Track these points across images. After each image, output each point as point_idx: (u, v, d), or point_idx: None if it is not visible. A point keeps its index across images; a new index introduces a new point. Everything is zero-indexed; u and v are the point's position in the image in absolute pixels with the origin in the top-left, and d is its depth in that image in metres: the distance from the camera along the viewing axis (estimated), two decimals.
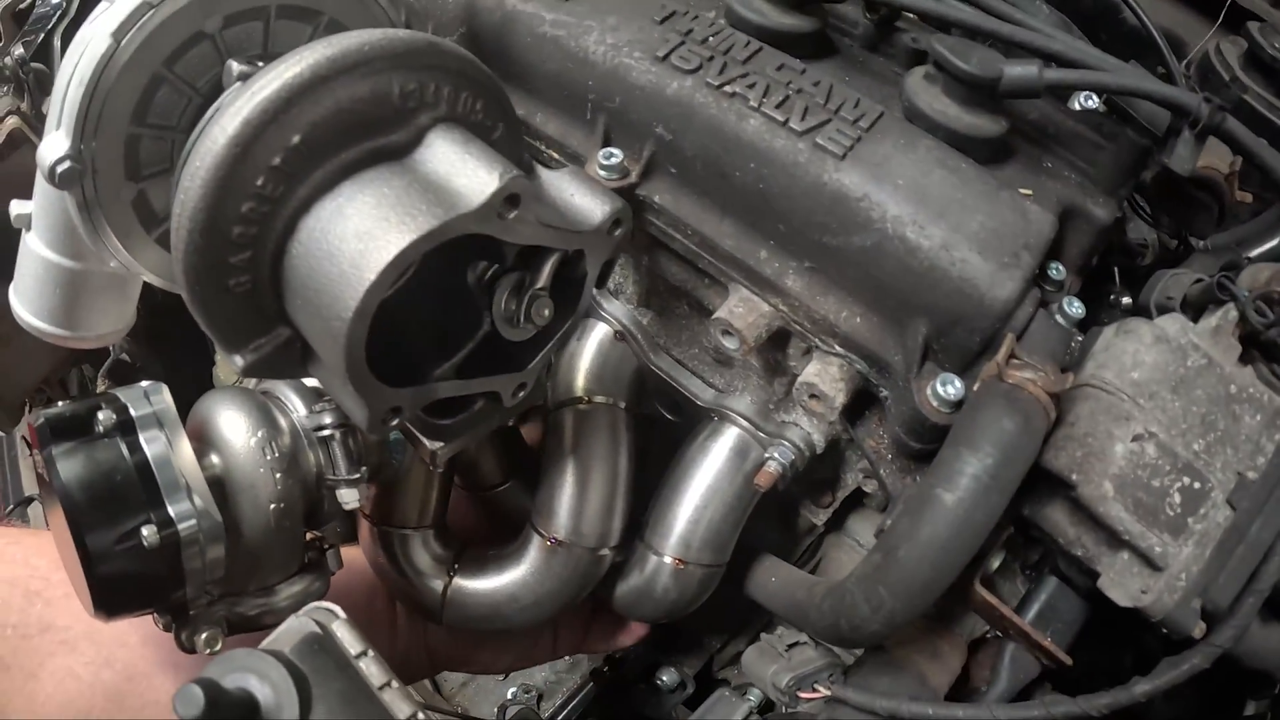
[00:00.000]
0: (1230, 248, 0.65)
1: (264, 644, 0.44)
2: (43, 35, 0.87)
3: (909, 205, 0.50)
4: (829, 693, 0.57)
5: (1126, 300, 0.63)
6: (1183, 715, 0.63)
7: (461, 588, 0.66)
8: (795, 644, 0.64)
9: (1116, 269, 0.68)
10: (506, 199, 0.45)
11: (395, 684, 0.45)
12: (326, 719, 0.40)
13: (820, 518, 0.70)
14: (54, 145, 0.52)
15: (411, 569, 0.66)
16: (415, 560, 0.66)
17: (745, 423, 0.64)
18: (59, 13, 0.89)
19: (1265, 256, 0.67)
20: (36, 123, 0.82)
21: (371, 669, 0.45)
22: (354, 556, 0.66)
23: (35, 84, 0.83)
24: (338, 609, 0.49)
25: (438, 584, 0.66)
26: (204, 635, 0.52)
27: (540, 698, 0.97)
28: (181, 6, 0.52)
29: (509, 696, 0.96)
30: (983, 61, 0.53)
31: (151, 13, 0.51)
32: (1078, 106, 0.66)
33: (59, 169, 0.52)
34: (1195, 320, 0.54)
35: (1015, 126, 0.58)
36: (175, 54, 0.53)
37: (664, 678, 0.82)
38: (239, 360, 0.48)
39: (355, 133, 0.44)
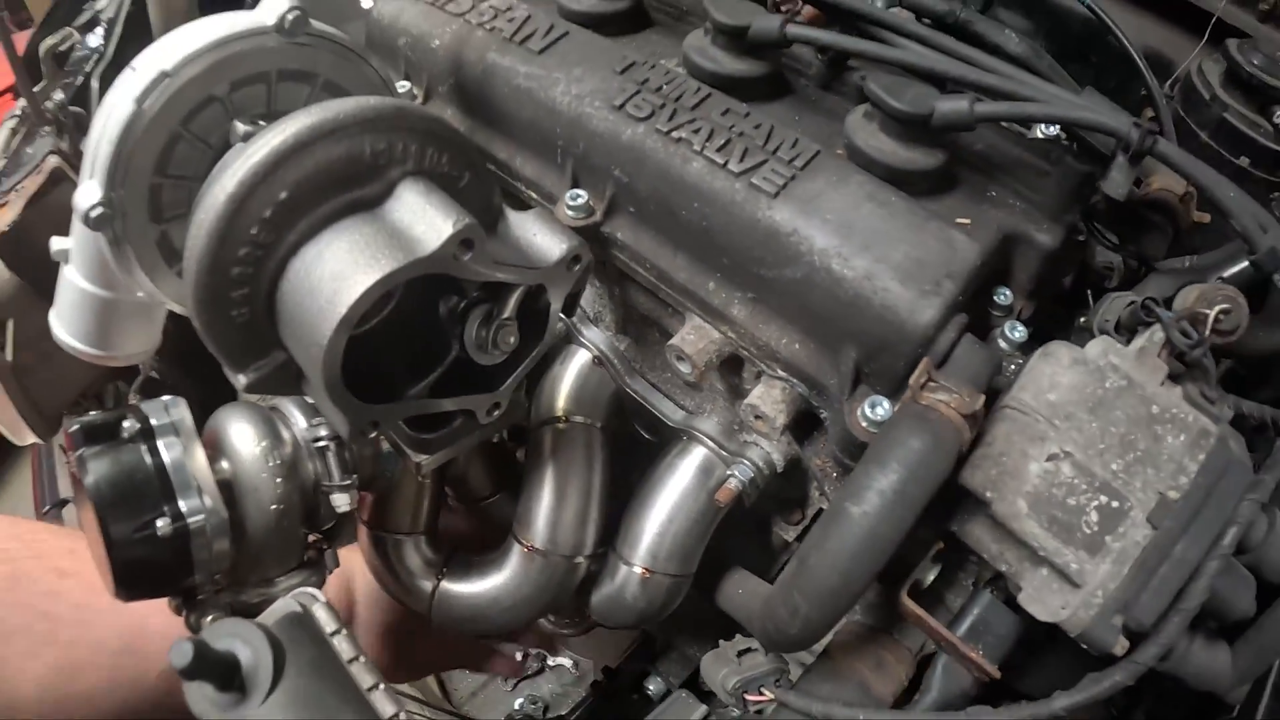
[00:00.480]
0: (1193, 270, 0.67)
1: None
2: (82, 78, 1.01)
3: (835, 238, 0.56)
4: (772, 696, 0.62)
5: (1082, 321, 0.67)
6: None
7: (448, 590, 0.74)
8: (746, 650, 0.69)
9: (1090, 292, 0.71)
10: (461, 243, 0.53)
11: (363, 659, 0.53)
12: (296, 680, 0.48)
13: (791, 534, 0.75)
14: (88, 193, 0.62)
15: (404, 570, 0.74)
16: (407, 563, 0.74)
17: (710, 442, 0.70)
18: (97, 56, 1.04)
19: (1235, 279, 0.69)
20: (76, 161, 0.95)
21: (342, 645, 0.53)
22: (344, 557, 0.74)
23: (74, 126, 0.96)
24: (319, 593, 0.57)
25: (427, 585, 0.74)
26: (209, 618, 0.61)
27: (547, 709, 1.03)
28: (194, 76, 0.61)
29: (516, 707, 1.03)
30: (915, 98, 0.58)
31: (168, 81, 0.61)
32: (1040, 134, 0.71)
33: (92, 214, 0.61)
34: (1128, 342, 0.57)
35: (959, 157, 0.63)
36: (190, 115, 0.62)
37: (651, 687, 0.87)
38: (241, 379, 0.57)
39: (333, 187, 0.53)
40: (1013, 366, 0.59)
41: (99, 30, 1.02)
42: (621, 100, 0.63)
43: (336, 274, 0.51)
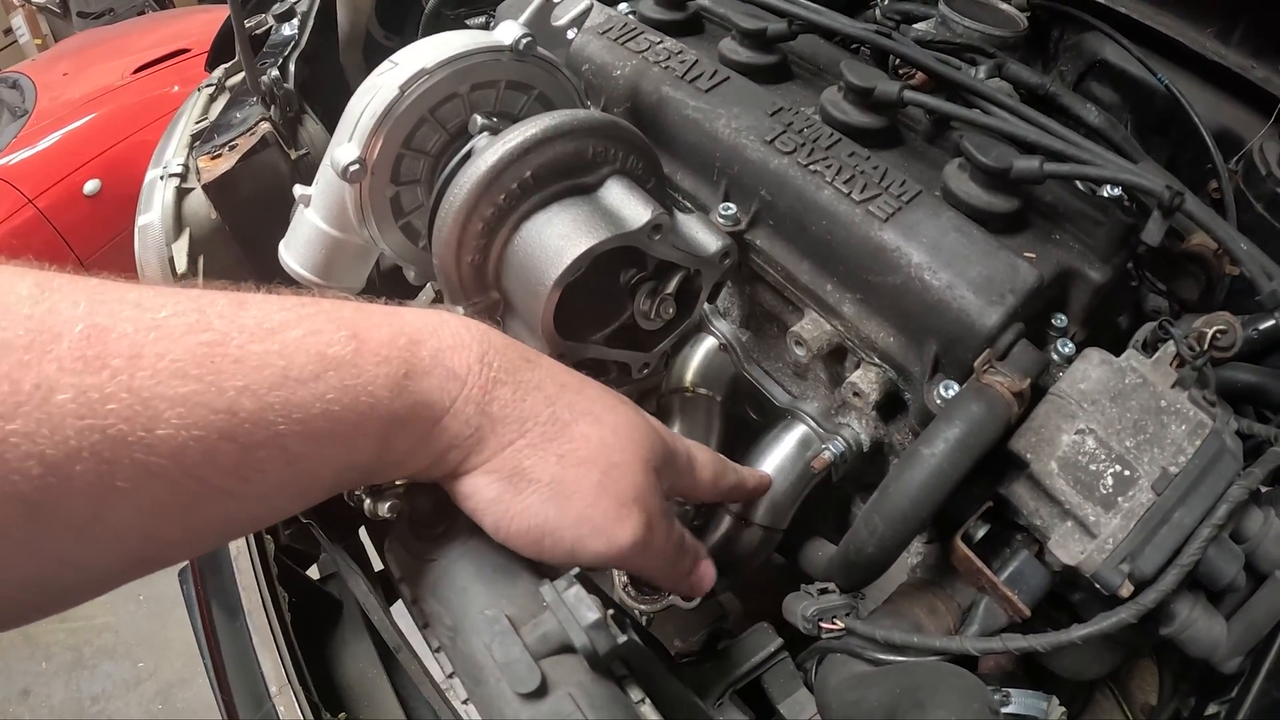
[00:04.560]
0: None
1: None
2: (282, 59, 1.42)
3: (927, 256, 0.91)
4: (843, 625, 0.95)
5: None
6: None
7: None
8: (824, 590, 1.01)
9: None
10: (654, 226, 0.90)
11: None
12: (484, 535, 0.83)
13: None
14: (347, 152, 0.97)
15: None
16: None
17: (811, 421, 1.05)
18: (292, 43, 1.46)
19: None
20: (282, 129, 1.34)
21: None
22: None
23: (284, 100, 1.37)
24: None
25: None
26: (386, 505, 0.79)
27: None
28: (445, 76, 0.99)
29: None
30: (998, 156, 0.94)
31: (427, 77, 0.99)
32: (1106, 193, 1.06)
33: (350, 168, 0.98)
34: (1150, 355, 0.91)
35: (1033, 206, 0.99)
36: (437, 105, 1.00)
37: None
38: (459, 310, 0.94)
39: (563, 173, 0.90)
40: (1060, 374, 0.94)
41: (294, 21, 1.45)
42: (771, 137, 1.01)
43: (563, 235, 0.88)
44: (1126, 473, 0.84)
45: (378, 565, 1.43)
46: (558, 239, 0.88)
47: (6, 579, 0.50)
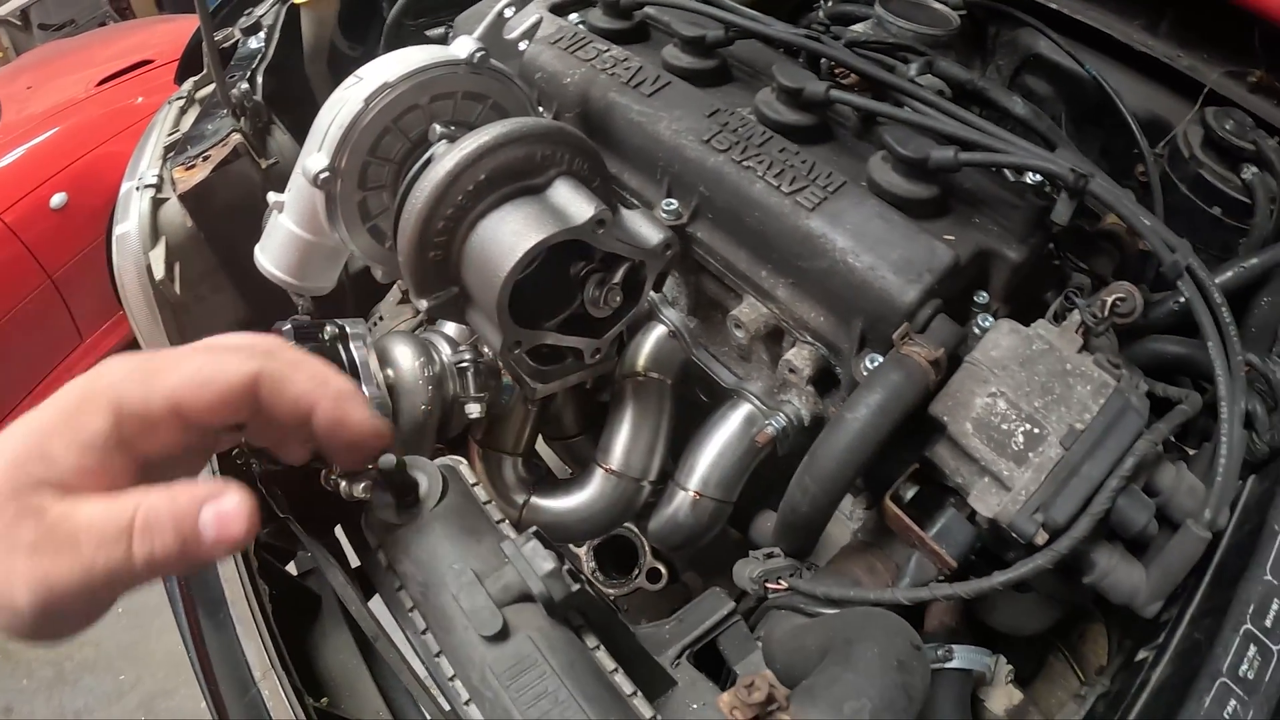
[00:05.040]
0: None
1: None
2: (250, 72, 1.52)
3: (852, 241, 1.02)
4: (787, 585, 1.05)
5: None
6: None
7: (536, 504, 1.19)
8: (770, 554, 1.12)
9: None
10: (598, 221, 1.00)
11: (494, 504, 0.98)
12: (451, 504, 0.92)
13: None
14: (317, 161, 1.08)
15: (501, 484, 1.19)
16: (505, 478, 1.19)
17: (755, 400, 1.16)
18: (259, 56, 1.56)
19: None
20: (252, 141, 1.44)
21: (479, 491, 0.98)
22: None
23: (254, 112, 1.47)
24: (461, 459, 1.02)
25: (520, 499, 1.19)
26: (360, 486, 0.90)
27: None
28: (407, 89, 1.10)
29: None
30: (916, 147, 1.04)
31: (389, 90, 1.09)
32: (1028, 180, 1.17)
33: (321, 175, 1.08)
34: (1060, 323, 1.02)
35: (954, 192, 1.10)
36: (399, 115, 1.10)
37: None
38: (423, 304, 1.04)
39: (514, 176, 1.01)
40: (970, 341, 1.04)
41: (260, 34, 1.56)
42: (709, 136, 1.11)
43: (515, 231, 0.98)
44: (1036, 430, 0.95)
45: (355, 563, 1.52)
46: (510, 235, 0.98)
47: None
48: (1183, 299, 1.16)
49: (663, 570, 1.49)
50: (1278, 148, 1.27)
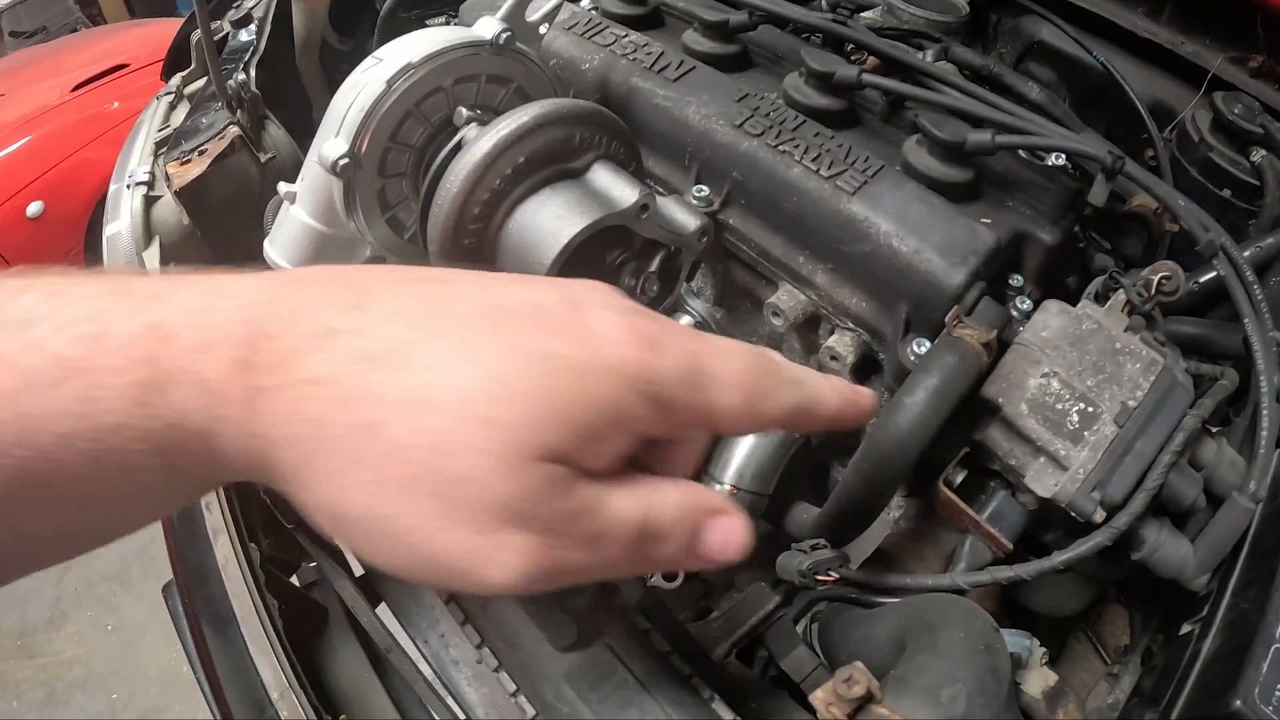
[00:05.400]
0: None
1: None
2: (243, 64, 1.47)
3: (894, 224, 1.01)
4: (836, 576, 1.03)
5: None
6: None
7: None
8: (816, 545, 1.10)
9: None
10: (642, 206, 0.97)
11: None
12: None
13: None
14: (335, 147, 1.03)
15: None
16: None
17: None
18: (251, 50, 1.51)
19: None
20: (250, 134, 1.39)
21: None
22: None
23: (251, 104, 1.41)
24: None
25: None
26: None
27: None
28: (430, 70, 1.05)
29: None
30: (953, 130, 1.04)
31: (413, 71, 1.05)
32: (1051, 162, 1.18)
33: (340, 163, 1.03)
34: (1103, 303, 1.02)
35: (985, 176, 1.09)
36: (422, 99, 1.06)
37: None
38: None
39: (552, 159, 0.98)
40: (1020, 328, 1.04)
41: (251, 26, 1.50)
42: (740, 121, 1.10)
43: (558, 216, 0.95)
44: (1090, 409, 0.95)
45: (358, 572, 1.47)
46: (553, 220, 0.95)
47: None
48: (1201, 280, 1.19)
49: None
50: None
